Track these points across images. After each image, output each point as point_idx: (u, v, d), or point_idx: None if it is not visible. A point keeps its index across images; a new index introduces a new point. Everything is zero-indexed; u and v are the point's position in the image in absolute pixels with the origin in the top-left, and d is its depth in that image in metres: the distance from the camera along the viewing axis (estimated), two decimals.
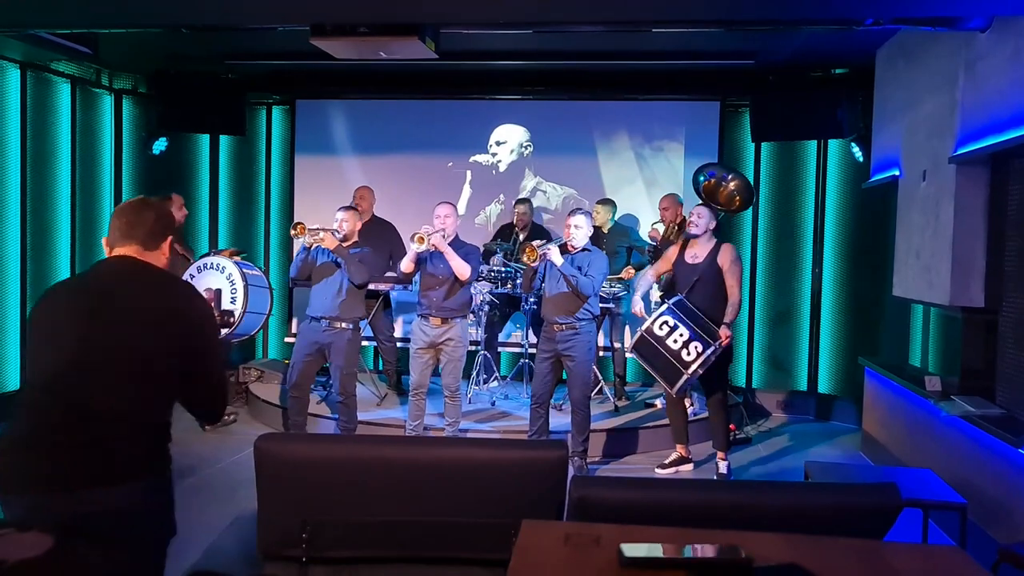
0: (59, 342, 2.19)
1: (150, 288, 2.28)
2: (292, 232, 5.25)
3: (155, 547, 2.25)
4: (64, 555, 1.17)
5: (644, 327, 5.06)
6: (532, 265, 5.16)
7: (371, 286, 6.33)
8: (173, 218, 2.56)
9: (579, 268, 5.12)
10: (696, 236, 5.23)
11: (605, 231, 6.85)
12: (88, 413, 2.12)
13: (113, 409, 2.13)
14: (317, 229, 5.18)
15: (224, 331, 5.35)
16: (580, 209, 5.41)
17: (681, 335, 4.94)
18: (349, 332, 5.29)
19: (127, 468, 2.13)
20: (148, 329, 2.20)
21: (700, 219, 5.23)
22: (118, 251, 2.34)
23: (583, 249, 5.20)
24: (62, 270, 7.04)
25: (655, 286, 6.01)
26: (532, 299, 6.30)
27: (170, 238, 2.41)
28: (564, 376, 5.42)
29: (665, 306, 5.09)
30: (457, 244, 5.18)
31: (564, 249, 5.16)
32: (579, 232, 5.17)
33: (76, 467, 2.09)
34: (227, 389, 2.48)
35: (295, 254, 5.44)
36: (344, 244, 5.22)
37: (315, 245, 5.20)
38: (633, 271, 6.64)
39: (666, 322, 5.00)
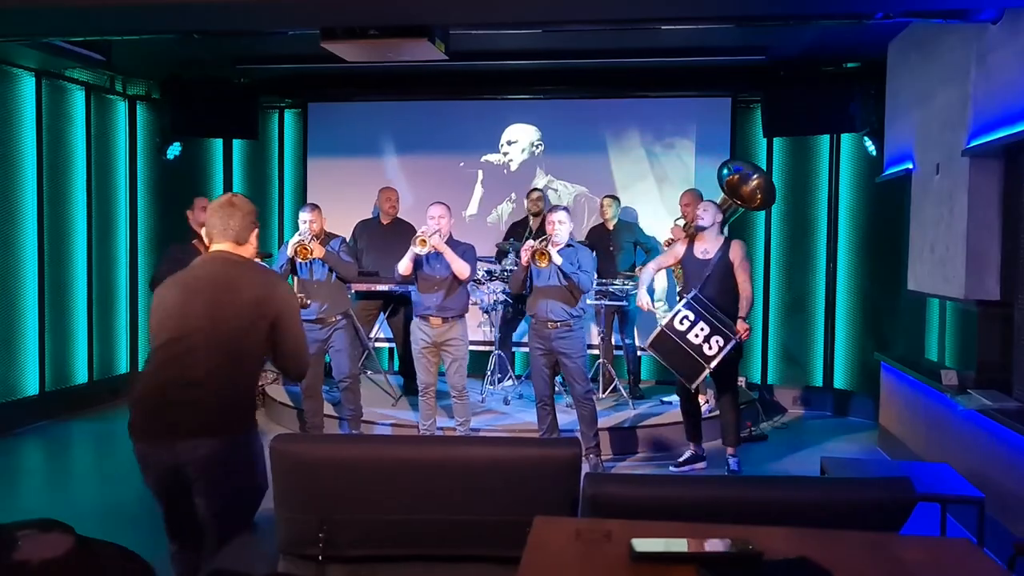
0: (169, 323, 2.69)
1: (242, 278, 2.73)
2: (300, 259, 5.19)
3: (242, 495, 2.70)
4: (85, 556, 1.19)
5: (664, 323, 5.06)
6: (526, 265, 5.10)
7: (378, 287, 6.38)
8: (256, 214, 2.92)
9: (571, 263, 5.12)
10: (704, 228, 5.22)
11: (610, 227, 6.84)
12: (189, 380, 2.60)
13: (208, 378, 2.61)
14: (300, 241, 5.18)
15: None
16: (559, 206, 5.43)
17: (702, 329, 4.96)
18: (343, 320, 5.48)
19: (217, 425, 2.61)
20: (241, 312, 2.67)
21: (707, 212, 5.24)
22: (215, 246, 2.81)
23: (567, 245, 5.19)
24: (79, 276, 7.12)
25: (676, 282, 6.01)
26: None
27: (256, 231, 2.87)
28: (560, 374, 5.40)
29: (683, 301, 5.10)
30: (452, 243, 5.18)
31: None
32: (562, 228, 5.14)
33: (178, 422, 2.59)
34: (306, 353, 2.92)
35: (278, 266, 5.36)
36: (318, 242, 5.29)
37: (300, 260, 5.21)
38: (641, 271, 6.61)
39: (686, 317, 5.01)
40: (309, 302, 4.56)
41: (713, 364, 4.94)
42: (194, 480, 2.64)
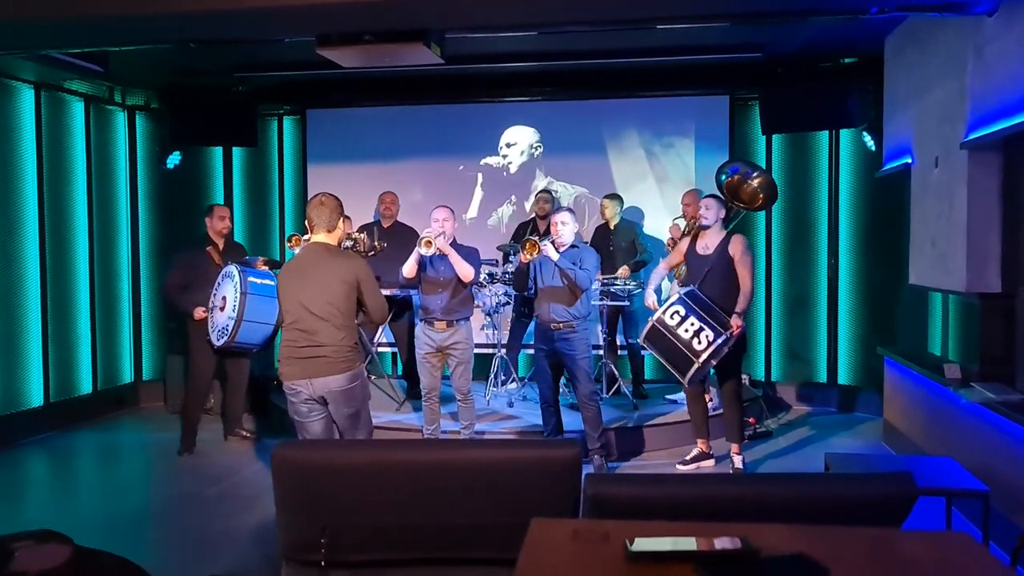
0: (293, 298, 3.84)
1: (333, 261, 3.86)
2: (288, 244, 5.33)
3: (360, 407, 3.97)
4: (83, 566, 1.19)
5: (655, 316, 5.05)
6: (525, 261, 5.12)
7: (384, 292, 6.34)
8: (341, 209, 3.95)
9: (572, 263, 5.12)
10: (707, 227, 5.23)
11: (612, 227, 6.84)
12: (312, 339, 3.80)
13: (325, 337, 3.80)
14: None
15: (223, 340, 5.37)
16: (563, 207, 5.44)
17: (692, 324, 4.93)
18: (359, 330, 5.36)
19: (336, 366, 3.83)
20: (337, 285, 3.81)
21: (709, 210, 5.25)
22: (315, 237, 3.90)
23: (572, 246, 5.20)
24: (82, 286, 7.14)
25: (672, 280, 6.00)
26: None
27: (341, 220, 3.94)
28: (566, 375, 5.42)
29: (676, 296, 5.09)
30: (455, 247, 5.17)
31: (554, 247, 5.16)
32: (565, 229, 5.18)
33: (310, 367, 3.81)
34: (384, 304, 4.07)
35: None
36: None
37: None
38: (628, 271, 6.60)
39: (677, 311, 4.99)
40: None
41: (702, 359, 4.89)
42: (329, 403, 3.86)
